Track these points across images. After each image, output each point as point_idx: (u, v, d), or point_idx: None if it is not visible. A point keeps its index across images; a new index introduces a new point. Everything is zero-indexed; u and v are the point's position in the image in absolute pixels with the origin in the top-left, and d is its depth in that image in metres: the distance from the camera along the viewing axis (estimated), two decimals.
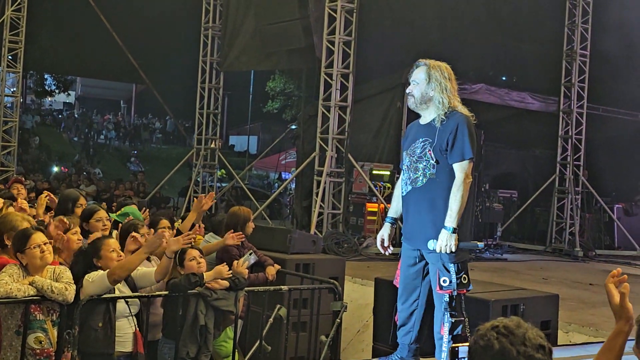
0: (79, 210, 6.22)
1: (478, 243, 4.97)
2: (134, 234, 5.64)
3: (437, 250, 4.63)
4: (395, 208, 5.18)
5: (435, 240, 4.64)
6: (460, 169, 4.70)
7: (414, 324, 4.94)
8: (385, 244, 5.14)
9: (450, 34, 16.65)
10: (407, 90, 4.93)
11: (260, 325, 6.29)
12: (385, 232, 5.16)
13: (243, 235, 6.61)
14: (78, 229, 5.51)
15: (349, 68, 13.99)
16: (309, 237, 9.26)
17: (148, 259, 5.57)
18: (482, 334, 1.99)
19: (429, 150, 4.76)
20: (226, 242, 6.53)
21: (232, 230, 6.61)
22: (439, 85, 4.78)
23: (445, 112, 4.77)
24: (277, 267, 7.07)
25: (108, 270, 4.83)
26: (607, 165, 17.39)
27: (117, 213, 6.77)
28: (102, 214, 6.01)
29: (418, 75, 4.86)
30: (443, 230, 4.63)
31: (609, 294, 2.56)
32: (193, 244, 6.37)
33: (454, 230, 4.62)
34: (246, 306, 6.48)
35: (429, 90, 4.80)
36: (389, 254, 5.26)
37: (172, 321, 5.47)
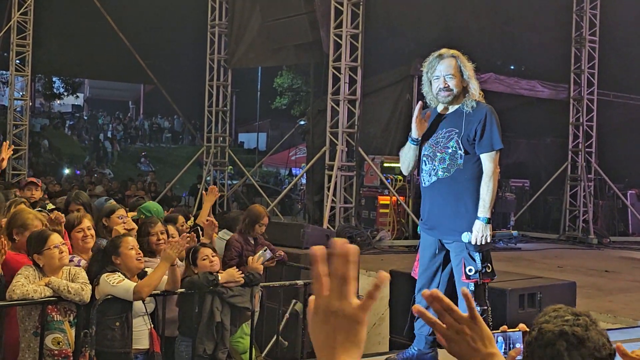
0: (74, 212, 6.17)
1: (513, 232, 4.98)
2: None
3: (473, 242, 4.61)
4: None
5: (469, 233, 4.62)
6: (489, 159, 4.69)
7: (433, 315, 4.90)
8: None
9: (457, 23, 16.58)
10: (442, 85, 4.72)
11: (276, 321, 6.29)
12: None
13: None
14: (87, 225, 5.43)
15: (357, 61, 13.93)
16: (322, 231, 9.28)
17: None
18: (549, 340, 1.88)
19: (457, 140, 4.72)
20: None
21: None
22: (472, 73, 4.77)
23: (476, 99, 4.74)
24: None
25: (135, 286, 4.82)
26: (620, 152, 17.29)
27: (138, 208, 6.78)
28: (122, 211, 6.05)
29: (450, 68, 4.73)
30: (477, 221, 4.63)
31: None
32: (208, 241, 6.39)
33: (489, 221, 4.63)
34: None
35: (465, 79, 4.75)
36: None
37: (188, 319, 5.47)
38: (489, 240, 4.64)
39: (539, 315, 1.99)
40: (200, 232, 6.62)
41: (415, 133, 4.87)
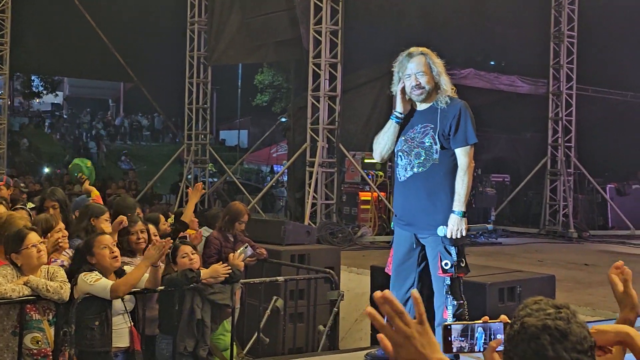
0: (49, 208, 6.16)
1: (487, 225, 4.97)
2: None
3: (449, 236, 4.62)
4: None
5: (444, 227, 4.64)
6: (464, 153, 4.71)
7: (409, 311, 4.89)
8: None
9: (437, 20, 16.62)
10: (413, 83, 4.75)
11: (257, 317, 6.29)
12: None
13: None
14: (62, 225, 5.46)
15: (337, 57, 13.95)
16: (303, 227, 9.27)
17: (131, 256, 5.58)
18: (533, 334, 1.89)
19: (432, 135, 4.73)
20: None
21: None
22: (442, 69, 4.78)
23: (449, 95, 4.76)
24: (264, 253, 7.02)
25: (112, 284, 4.79)
26: (599, 146, 17.42)
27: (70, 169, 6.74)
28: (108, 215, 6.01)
29: (420, 65, 4.76)
30: (452, 215, 4.64)
31: (612, 283, 2.50)
32: (188, 238, 6.37)
33: (464, 214, 4.65)
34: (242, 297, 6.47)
35: (435, 76, 4.76)
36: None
37: (169, 316, 5.45)
38: (464, 234, 4.65)
39: (519, 307, 1.99)
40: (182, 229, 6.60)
41: (400, 107, 4.87)
